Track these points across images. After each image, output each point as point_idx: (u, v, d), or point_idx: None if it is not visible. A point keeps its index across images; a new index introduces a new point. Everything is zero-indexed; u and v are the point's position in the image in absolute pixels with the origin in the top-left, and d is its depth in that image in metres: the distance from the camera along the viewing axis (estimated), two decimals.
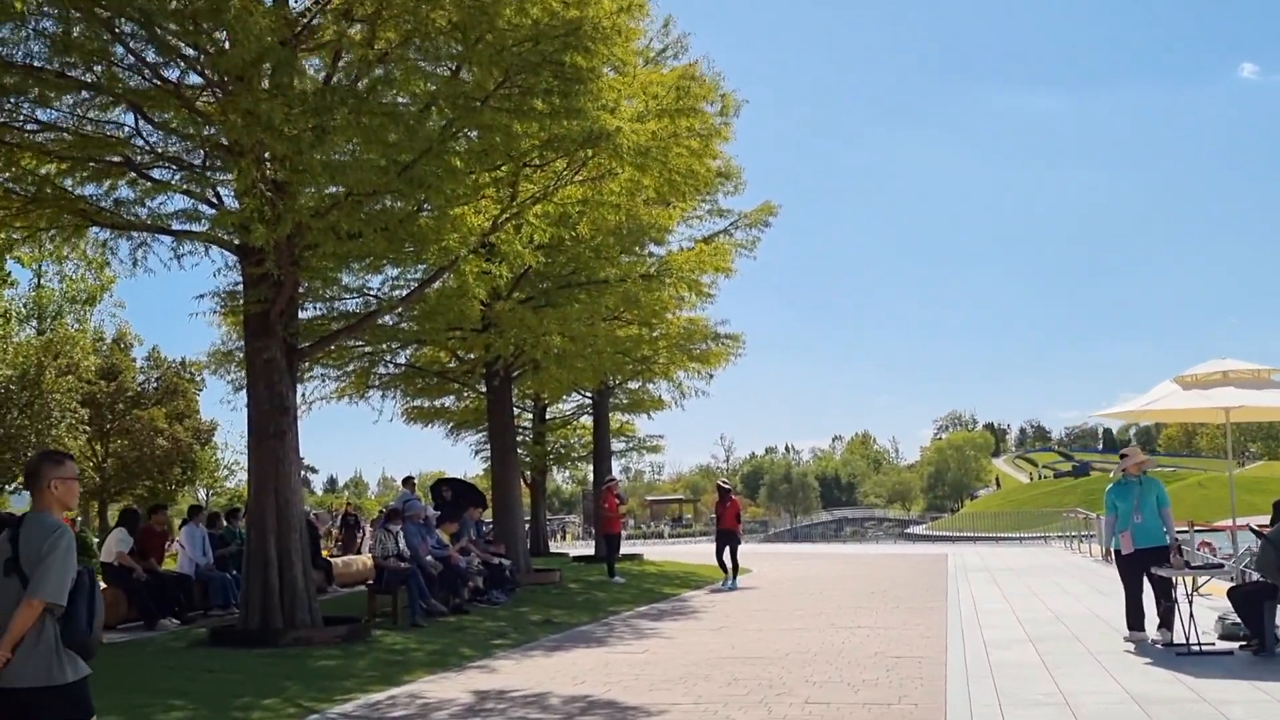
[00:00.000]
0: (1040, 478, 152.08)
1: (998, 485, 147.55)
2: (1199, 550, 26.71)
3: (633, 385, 32.00)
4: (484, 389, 21.59)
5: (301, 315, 16.04)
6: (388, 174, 10.61)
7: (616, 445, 35.84)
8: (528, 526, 40.71)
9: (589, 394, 30.12)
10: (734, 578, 20.50)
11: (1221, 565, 11.12)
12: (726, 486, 21.34)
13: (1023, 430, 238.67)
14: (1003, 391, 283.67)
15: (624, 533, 30.58)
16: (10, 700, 4.58)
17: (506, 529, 20.45)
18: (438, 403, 30.19)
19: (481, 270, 13.42)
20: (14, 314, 41.63)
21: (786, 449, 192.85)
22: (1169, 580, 11.41)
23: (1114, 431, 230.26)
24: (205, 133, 10.81)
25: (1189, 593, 10.87)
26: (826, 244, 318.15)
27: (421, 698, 9.56)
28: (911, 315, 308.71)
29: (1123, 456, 11.97)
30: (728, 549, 20.51)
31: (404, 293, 14.27)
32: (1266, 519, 11.51)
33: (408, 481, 22.40)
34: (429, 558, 15.40)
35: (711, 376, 25.59)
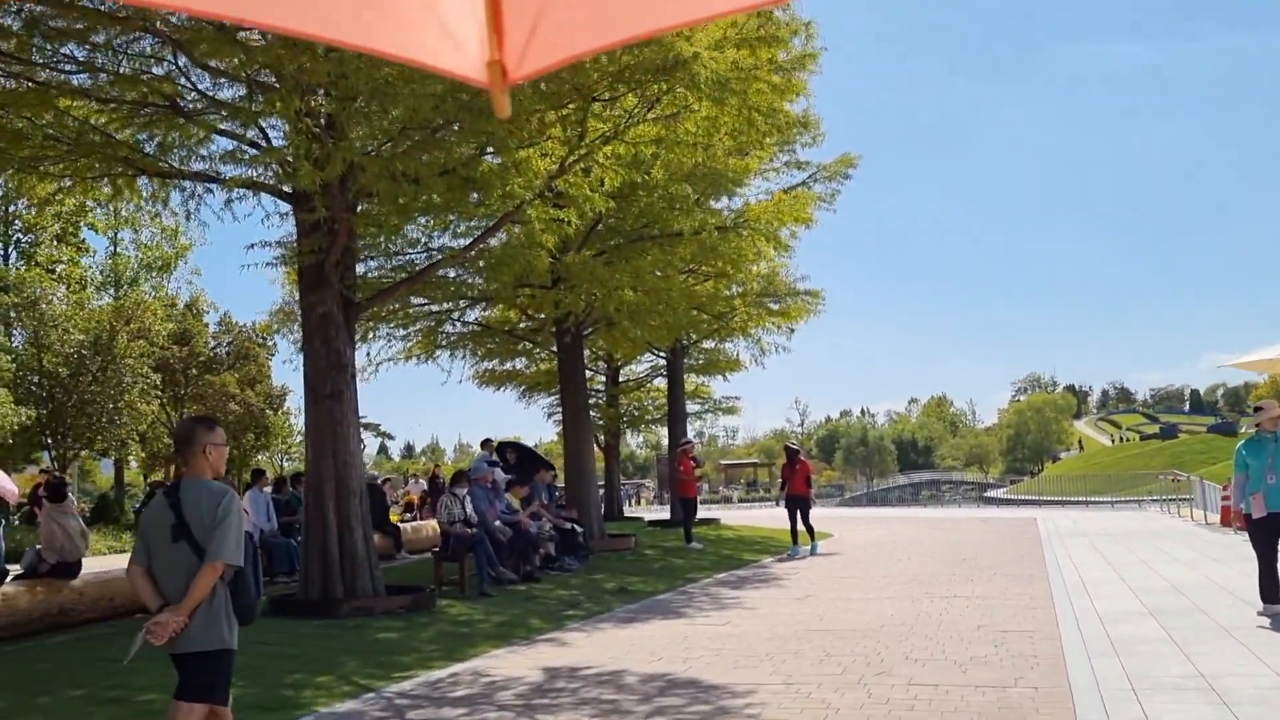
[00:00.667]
0: (1124, 440, 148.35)
1: (1080, 448, 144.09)
2: None
3: (708, 345, 31.14)
4: (555, 349, 20.82)
5: (362, 270, 15.41)
6: (444, 102, 9.76)
7: (691, 408, 34.99)
8: (601, 491, 40.19)
9: (663, 354, 29.29)
10: (813, 543, 19.54)
11: None
12: (795, 448, 20.22)
13: (1105, 392, 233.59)
14: (1083, 353, 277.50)
15: (699, 497, 29.73)
16: (185, 664, 4.71)
17: (579, 493, 19.72)
18: (509, 365, 29.60)
19: (549, 218, 12.57)
20: (90, 281, 41.90)
21: (862, 412, 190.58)
22: None
23: (1201, 393, 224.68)
24: (248, 68, 10.05)
25: None
26: (901, 202, 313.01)
27: (486, 675, 8.84)
28: (988, 274, 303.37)
29: (1257, 410, 10.85)
30: (799, 514, 19.46)
31: (467, 243, 13.42)
32: None
33: (486, 444, 21.75)
34: (497, 523, 14.72)
35: (793, 331, 24.60)
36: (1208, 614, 10.72)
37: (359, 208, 11.88)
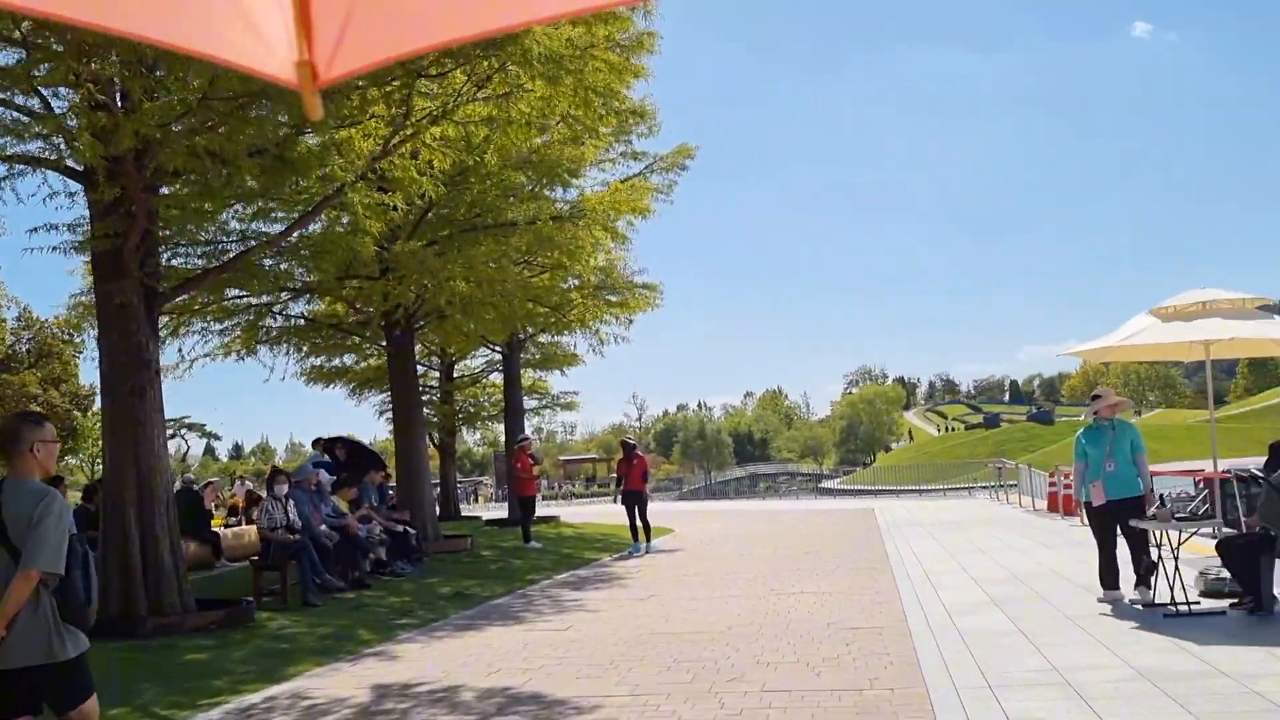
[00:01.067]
0: (950, 430, 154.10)
1: (910, 438, 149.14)
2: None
3: (545, 339, 30.51)
4: (384, 343, 19.84)
5: (174, 260, 14.26)
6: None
7: (528, 403, 34.28)
8: (437, 490, 39.13)
9: (498, 348, 28.53)
10: (648, 541, 19.16)
11: (1213, 516, 10.02)
12: (632, 443, 19.73)
13: (931, 384, 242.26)
14: (912, 346, 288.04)
15: (539, 494, 29.07)
16: (10, 680, 4.32)
17: (412, 493, 18.81)
18: (338, 361, 28.41)
19: (373, 202, 11.74)
20: None
21: (699, 406, 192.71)
22: (1144, 534, 10.35)
23: (1020, 383, 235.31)
24: (21, 28, 8.91)
25: (1174, 548, 9.78)
26: (735, 196, 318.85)
27: (307, 697, 8.05)
28: (819, 270, 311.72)
29: (1094, 398, 10.84)
30: (637, 511, 19.04)
31: (290, 229, 12.42)
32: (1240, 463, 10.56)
33: (317, 443, 20.59)
34: (323, 527, 13.81)
35: (631, 322, 24.18)
36: (1050, 602, 10.67)
37: (162, 190, 10.84)
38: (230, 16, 1.38)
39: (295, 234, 13.02)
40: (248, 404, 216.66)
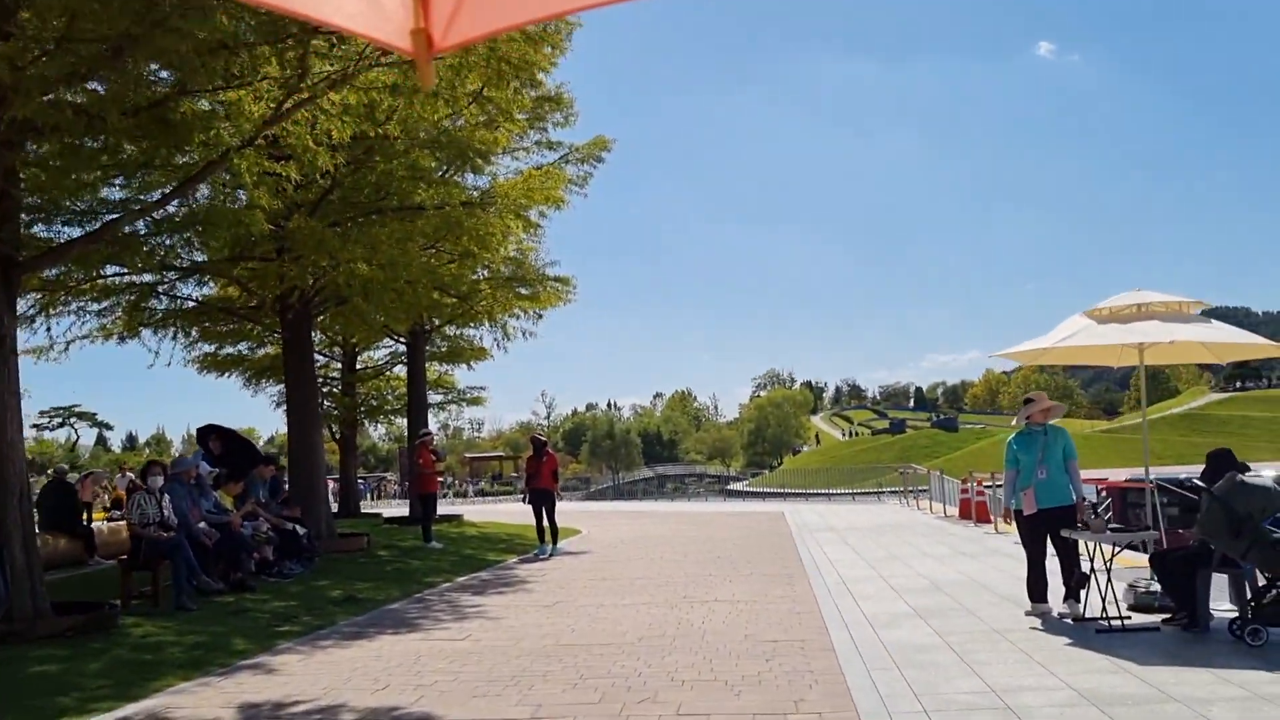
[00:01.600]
0: (856, 434, 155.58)
1: (817, 442, 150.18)
2: None
3: (451, 331, 29.55)
4: (280, 330, 18.73)
5: (47, 233, 13.11)
6: (120, 13, 7.83)
7: (434, 398, 33.24)
8: (335, 486, 37.82)
9: (402, 339, 27.46)
10: (555, 542, 18.40)
11: (1148, 528, 9.57)
12: (542, 439, 18.92)
13: (838, 389, 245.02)
14: (819, 351, 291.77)
15: (442, 492, 28.08)
16: None
17: (307, 489, 17.73)
18: (233, 349, 27.12)
19: (263, 171, 10.77)
20: None
21: (609, 405, 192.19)
22: (1075, 545, 9.88)
23: (924, 390, 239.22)
24: None
25: (1106, 561, 9.30)
26: (647, 199, 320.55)
27: (165, 718, 7.12)
28: (730, 273, 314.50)
29: (1027, 402, 10.32)
30: (545, 511, 18.28)
31: (168, 198, 11.30)
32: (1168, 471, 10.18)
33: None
34: (202, 524, 12.77)
35: (540, 316, 23.30)
36: (976, 615, 10.14)
37: (24, 147, 9.75)
38: None
39: (175, 203, 11.93)
40: (143, 392, 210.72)
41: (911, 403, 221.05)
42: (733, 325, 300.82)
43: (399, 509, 33.89)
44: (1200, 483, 8.49)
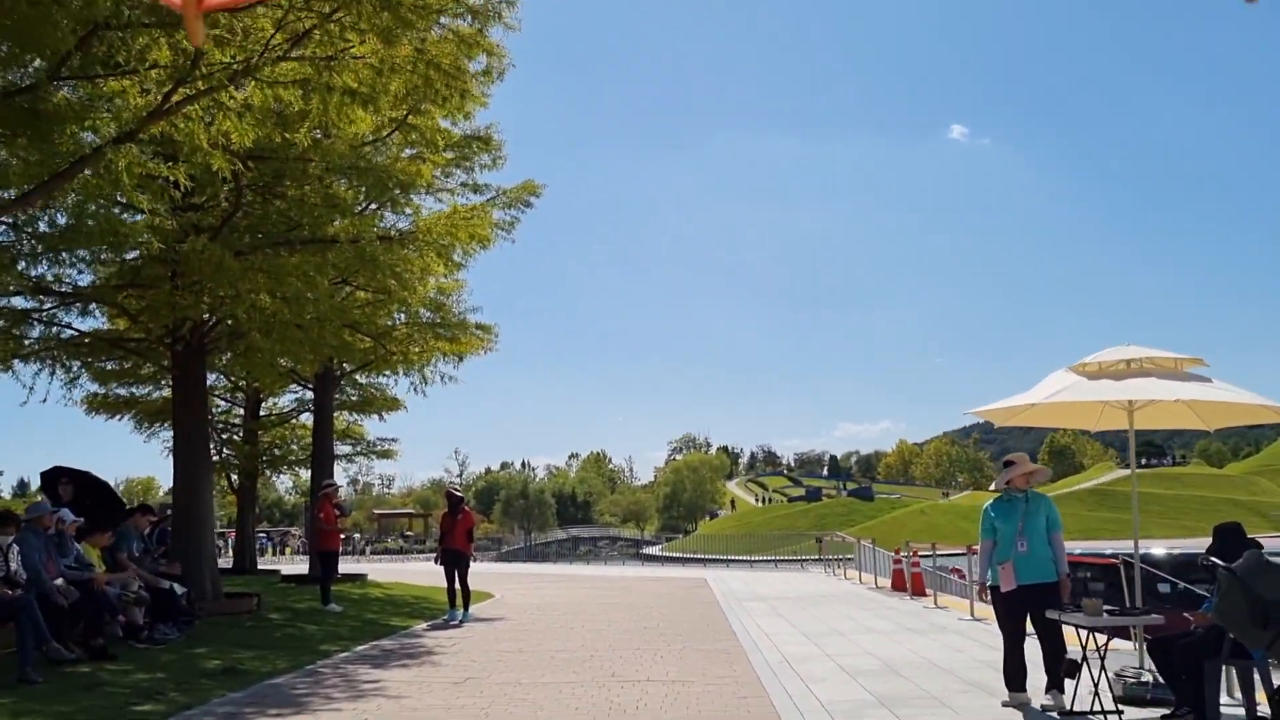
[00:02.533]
0: (770, 501, 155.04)
1: (733, 507, 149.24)
2: (952, 576, 25.27)
3: (363, 379, 28.00)
4: (168, 364, 17.03)
5: None
6: None
7: (342, 449, 31.56)
8: (231, 539, 35.70)
9: (309, 385, 25.79)
10: (467, 608, 16.91)
11: (1149, 614, 8.46)
12: (459, 495, 17.41)
13: (753, 455, 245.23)
14: (734, 417, 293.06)
15: (348, 549, 26.29)
16: None
17: (190, 542, 15.91)
18: (126, 390, 25.29)
19: (146, 173, 9.35)
20: None
21: (523, 465, 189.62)
22: (1059, 627, 8.74)
23: (838, 458, 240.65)
24: None
25: (1100, 646, 8.18)
26: (563, 262, 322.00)
27: None
28: (648, 336, 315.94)
29: (1007, 464, 9.22)
30: (457, 573, 16.80)
31: (28, 197, 9.75)
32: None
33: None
34: (59, 581, 11.08)
35: (461, 359, 21.80)
36: (947, 705, 8.94)
37: None
38: None
39: (39, 205, 10.39)
40: (30, 435, 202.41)
41: (826, 470, 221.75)
42: (649, 388, 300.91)
43: (301, 566, 31.93)
44: (1218, 561, 7.41)
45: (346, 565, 33.54)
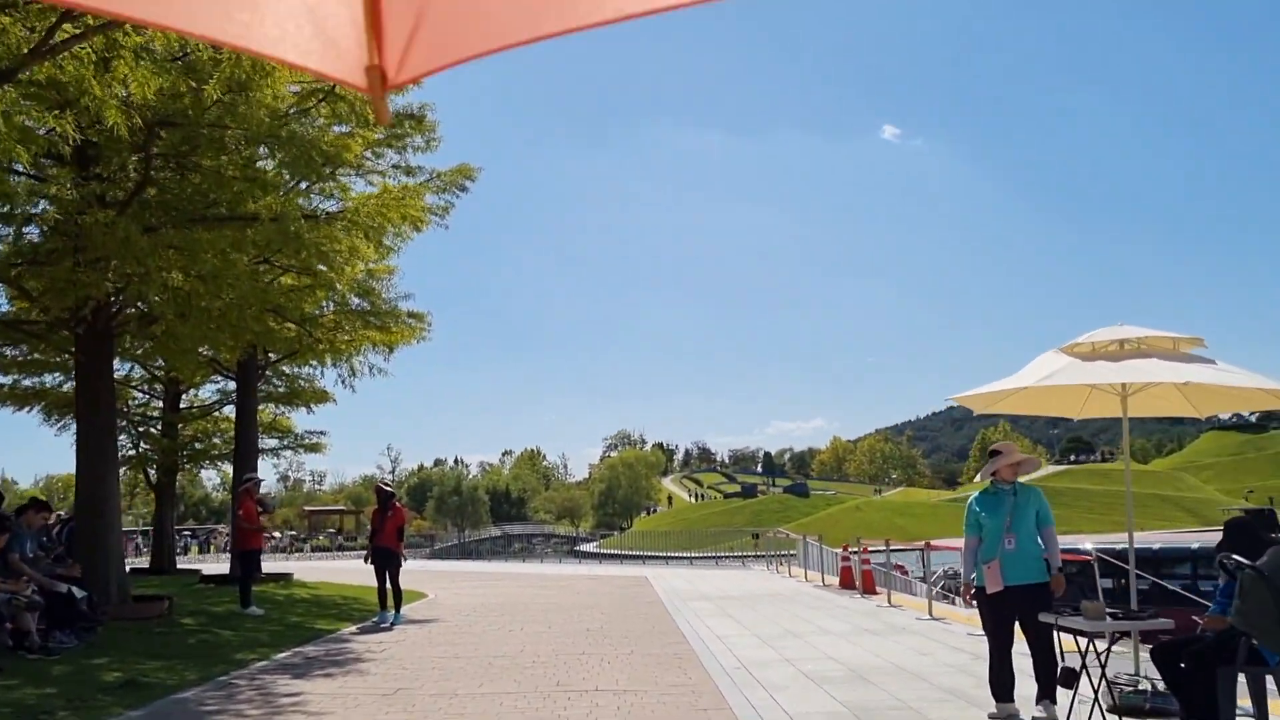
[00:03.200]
0: (706, 498, 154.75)
1: (669, 504, 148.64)
2: (895, 573, 24.70)
3: (289, 370, 26.73)
4: (72, 350, 15.71)
5: None
6: None
7: (268, 443, 30.20)
8: (146, 538, 34.15)
9: (230, 374, 24.45)
10: (398, 609, 15.91)
11: (1159, 619, 7.71)
12: (389, 490, 16.30)
13: (688, 451, 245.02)
14: (669, 415, 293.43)
15: (279, 547, 25.00)
16: None
17: (94, 542, 14.63)
18: (33, 381, 23.88)
19: (27, 122, 8.22)
20: None
21: (456, 461, 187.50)
22: (1049, 631, 7.96)
23: (773, 455, 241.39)
24: None
25: (1100, 652, 7.43)
26: (495, 255, 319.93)
27: None
28: (580, 333, 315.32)
29: (993, 454, 8.41)
30: (388, 573, 15.82)
31: None
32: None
33: None
34: None
35: (391, 350, 20.65)
36: (928, 718, 8.14)
37: None
38: (298, 18, 1.35)
39: None
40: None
41: (760, 467, 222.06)
42: (583, 384, 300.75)
43: (224, 566, 30.54)
44: (1242, 560, 6.67)
45: (272, 564, 32.21)
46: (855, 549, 21.81)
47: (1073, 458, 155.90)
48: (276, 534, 79.32)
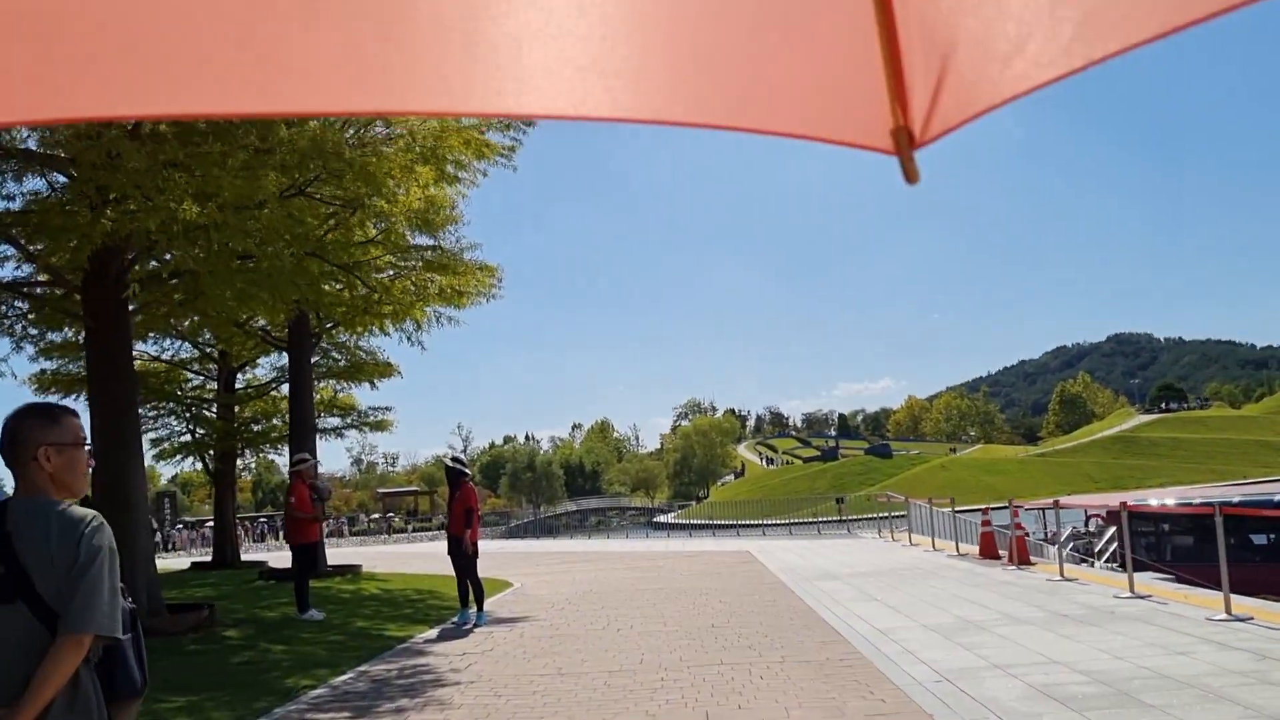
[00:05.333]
0: (785, 463, 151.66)
1: (742, 471, 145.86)
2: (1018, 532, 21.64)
3: (349, 342, 24.36)
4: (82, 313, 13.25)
5: None
6: None
7: (330, 422, 27.92)
8: (207, 529, 32.20)
9: (282, 346, 22.01)
10: (480, 607, 13.38)
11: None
12: (456, 466, 13.49)
13: (759, 417, 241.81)
14: (736, 381, 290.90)
15: (334, 529, 22.69)
16: None
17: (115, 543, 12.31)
18: (78, 366, 21.79)
19: None
20: None
21: (527, 437, 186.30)
22: None
23: (845, 416, 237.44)
24: None
25: None
26: (560, 232, 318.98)
27: None
28: (642, 303, 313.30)
29: None
30: (460, 567, 13.35)
31: None
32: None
33: None
34: None
35: (462, 300, 17.83)
36: None
37: None
38: (824, 96, 1.37)
39: None
40: None
41: (834, 430, 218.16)
42: (646, 353, 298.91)
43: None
44: None
45: (341, 553, 30.15)
46: (997, 512, 18.94)
47: (1164, 406, 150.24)
48: (363, 516, 77.94)
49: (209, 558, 28.20)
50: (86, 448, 3.12)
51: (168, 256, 12.32)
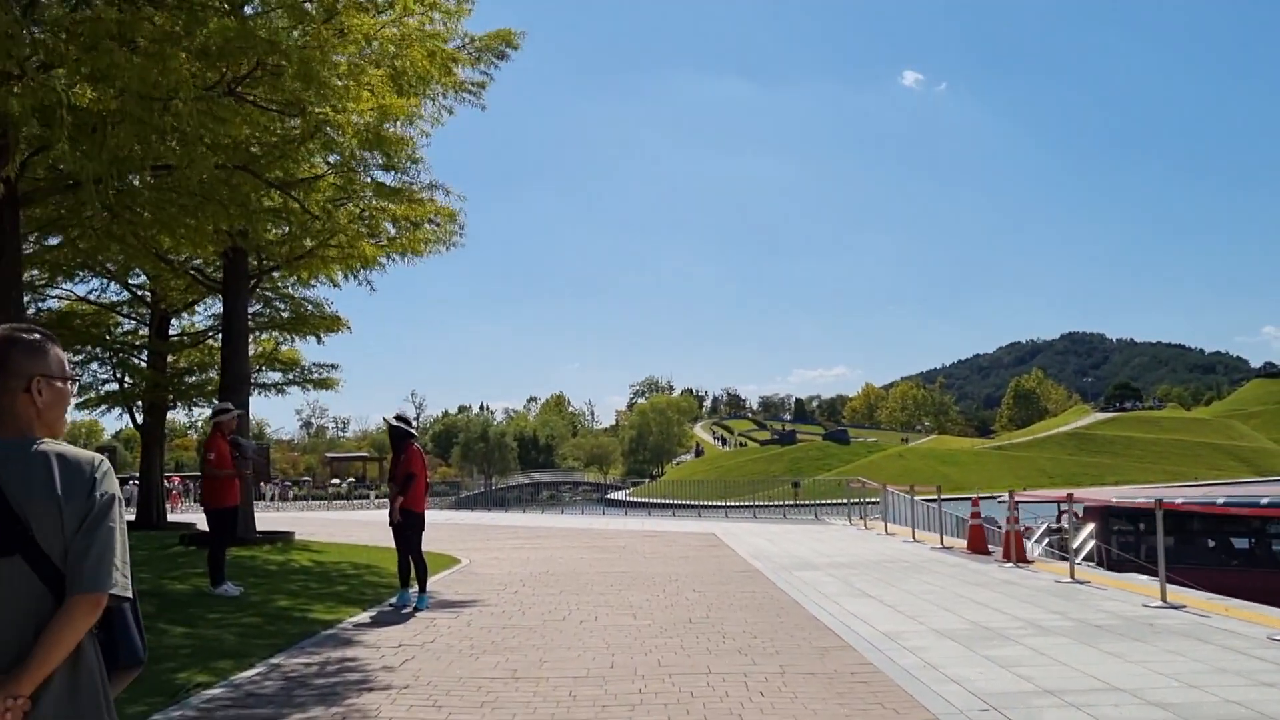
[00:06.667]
0: (740, 444, 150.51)
1: (699, 451, 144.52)
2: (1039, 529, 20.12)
3: (291, 290, 22.46)
4: None
5: None
6: None
7: (271, 376, 25.97)
8: (131, 486, 30.32)
9: (216, 284, 19.96)
10: (422, 588, 11.70)
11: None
12: (400, 425, 11.78)
13: (717, 398, 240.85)
14: (694, 363, 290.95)
15: (276, 493, 20.82)
16: None
17: None
18: None
19: None
20: None
21: (481, 408, 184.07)
22: None
23: (802, 401, 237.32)
24: None
25: None
26: (519, 209, 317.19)
27: None
28: (602, 282, 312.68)
29: None
30: (402, 540, 11.66)
31: None
32: None
33: None
34: None
35: (416, 228, 15.83)
36: None
37: None
38: None
39: None
40: None
41: (789, 415, 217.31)
42: (604, 331, 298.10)
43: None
44: None
45: (281, 516, 28.25)
46: (983, 504, 17.49)
47: (1118, 405, 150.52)
48: (307, 479, 75.69)
49: (132, 517, 26.24)
50: (68, 382, 2.75)
51: (58, 166, 10.33)
